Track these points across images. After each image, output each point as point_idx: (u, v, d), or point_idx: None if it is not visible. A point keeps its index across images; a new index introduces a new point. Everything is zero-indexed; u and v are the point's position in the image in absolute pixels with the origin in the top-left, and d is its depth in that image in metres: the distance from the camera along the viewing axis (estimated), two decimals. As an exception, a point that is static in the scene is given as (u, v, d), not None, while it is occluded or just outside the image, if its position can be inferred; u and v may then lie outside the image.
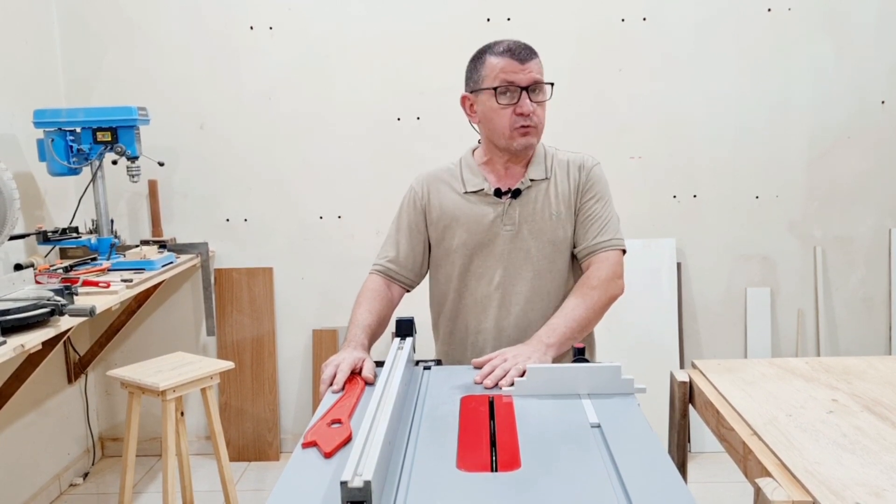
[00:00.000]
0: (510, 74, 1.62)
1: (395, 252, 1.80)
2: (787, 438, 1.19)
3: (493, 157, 1.75)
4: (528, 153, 1.71)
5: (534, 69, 1.63)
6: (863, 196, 3.26)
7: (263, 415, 3.38)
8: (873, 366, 1.55)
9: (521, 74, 1.62)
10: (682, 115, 3.23)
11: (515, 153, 1.70)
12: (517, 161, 1.73)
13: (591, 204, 1.73)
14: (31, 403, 2.95)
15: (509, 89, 1.62)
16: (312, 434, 1.19)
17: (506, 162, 1.74)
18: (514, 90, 1.62)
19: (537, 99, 1.64)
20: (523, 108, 1.62)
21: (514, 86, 1.62)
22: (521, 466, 1.08)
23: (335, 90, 3.25)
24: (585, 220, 1.73)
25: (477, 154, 1.80)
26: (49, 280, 2.47)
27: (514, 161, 1.73)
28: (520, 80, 1.62)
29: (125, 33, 3.23)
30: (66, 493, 3.13)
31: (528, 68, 1.62)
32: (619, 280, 1.70)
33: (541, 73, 1.65)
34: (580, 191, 1.73)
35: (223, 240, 3.36)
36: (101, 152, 2.84)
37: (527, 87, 1.62)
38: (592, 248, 1.71)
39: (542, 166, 1.74)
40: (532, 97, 1.63)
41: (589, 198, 1.73)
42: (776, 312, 3.33)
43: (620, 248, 1.73)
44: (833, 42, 3.18)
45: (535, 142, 1.68)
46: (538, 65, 1.65)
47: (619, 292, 1.70)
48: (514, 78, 1.62)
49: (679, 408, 1.55)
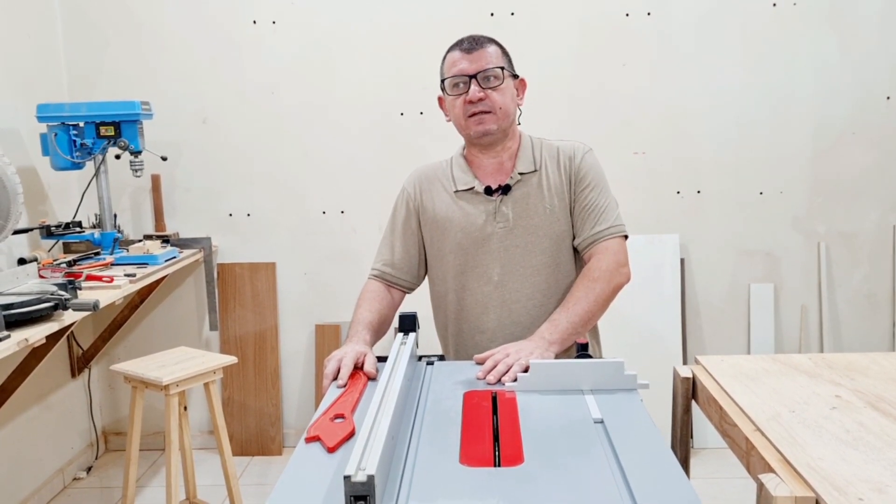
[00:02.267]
0: (458, 65, 1.66)
1: (390, 255, 1.80)
2: (790, 434, 1.19)
3: (474, 154, 1.75)
4: (489, 140, 1.69)
5: (482, 58, 1.65)
6: (867, 192, 3.26)
7: (266, 409, 3.39)
8: (877, 362, 1.55)
9: (468, 64, 1.65)
10: (685, 111, 3.22)
11: (478, 143, 1.71)
12: (491, 153, 1.73)
13: (586, 194, 1.70)
14: (35, 398, 2.96)
15: (459, 79, 1.66)
16: (315, 429, 1.19)
17: (485, 156, 1.73)
18: (463, 80, 1.65)
19: (490, 86, 1.65)
20: (470, 95, 1.65)
21: (462, 76, 1.65)
22: (523, 461, 1.08)
23: (338, 85, 3.25)
24: (582, 212, 1.70)
25: (466, 152, 1.80)
26: (52, 274, 2.47)
27: (489, 154, 1.73)
28: (467, 70, 1.65)
29: (128, 27, 3.23)
30: (70, 487, 3.14)
31: (475, 57, 1.65)
32: (624, 268, 1.67)
33: (492, 61, 1.66)
34: (572, 182, 1.71)
35: (226, 234, 3.36)
36: (104, 147, 2.84)
37: (475, 76, 1.64)
38: (592, 239, 1.68)
39: (529, 158, 1.73)
40: (483, 84, 1.64)
41: (583, 188, 1.70)
42: (779, 308, 3.33)
43: (621, 234, 1.70)
44: (838, 37, 3.16)
45: (493, 128, 1.67)
46: (489, 53, 1.66)
47: (624, 281, 1.67)
48: (461, 68, 1.65)
49: (682, 403, 1.54)
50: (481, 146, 1.72)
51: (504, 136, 1.71)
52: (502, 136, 1.71)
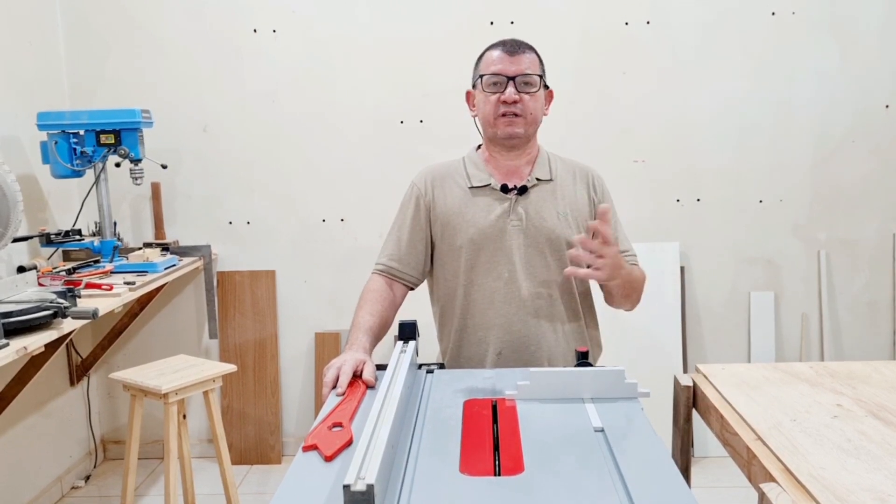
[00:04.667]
0: (498, 64, 1.69)
1: (396, 249, 1.80)
2: (791, 443, 1.18)
3: (493, 154, 1.78)
4: (513, 143, 1.73)
5: (523, 62, 1.68)
6: (867, 200, 3.26)
7: (266, 418, 3.38)
8: (878, 370, 1.55)
9: (509, 65, 1.68)
10: (685, 119, 3.23)
11: (502, 143, 1.74)
12: (511, 155, 1.75)
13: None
14: (34, 406, 2.95)
15: (497, 79, 1.68)
16: (313, 437, 1.19)
17: (504, 157, 1.76)
18: (501, 80, 1.68)
19: (526, 91, 1.68)
20: (506, 96, 1.67)
21: (501, 75, 1.68)
22: (524, 470, 1.07)
23: (338, 93, 3.26)
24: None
25: (481, 151, 1.82)
26: (52, 282, 2.47)
27: (509, 156, 1.76)
28: (507, 71, 1.68)
29: (129, 36, 3.24)
30: (68, 496, 3.13)
31: (517, 60, 1.68)
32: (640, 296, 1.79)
33: (531, 68, 1.69)
34: (592, 200, 1.78)
35: (226, 242, 3.36)
36: (104, 155, 2.84)
37: (513, 78, 1.67)
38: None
39: (546, 168, 1.77)
40: (520, 88, 1.68)
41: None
42: (780, 316, 3.32)
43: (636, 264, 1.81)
44: (837, 46, 3.17)
45: (520, 132, 1.70)
46: (529, 59, 1.70)
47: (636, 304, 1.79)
48: (502, 67, 1.68)
49: (683, 412, 1.54)
50: (504, 147, 1.75)
51: (527, 141, 1.75)
52: (526, 140, 1.74)
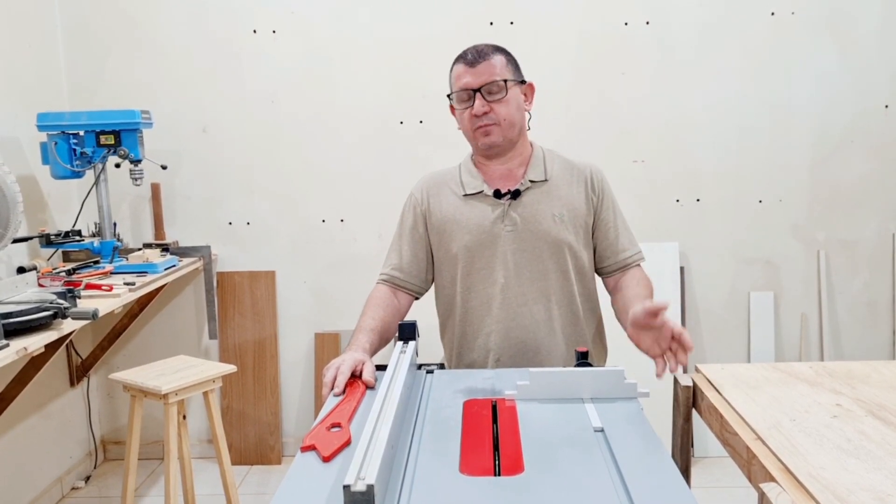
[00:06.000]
0: (463, 78, 1.68)
1: (398, 259, 1.81)
2: (791, 443, 1.18)
3: (483, 161, 1.78)
4: (495, 151, 1.73)
5: (484, 71, 1.66)
6: (866, 200, 3.26)
7: (265, 418, 3.38)
8: (877, 370, 1.55)
9: (471, 77, 1.67)
10: (684, 119, 3.23)
11: (485, 153, 1.74)
12: (500, 160, 1.75)
13: (608, 214, 1.77)
14: (34, 406, 2.95)
15: (464, 94, 1.68)
16: (311, 438, 1.19)
17: (494, 163, 1.76)
18: (469, 93, 1.67)
19: (494, 98, 1.66)
20: (475, 109, 1.67)
21: (467, 89, 1.67)
22: (524, 471, 1.07)
23: (338, 93, 3.26)
24: (608, 232, 1.77)
25: (474, 158, 1.81)
26: (52, 283, 2.47)
27: (498, 162, 1.75)
28: (471, 84, 1.67)
29: (128, 36, 3.24)
30: (68, 497, 3.13)
31: (478, 71, 1.66)
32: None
33: (497, 73, 1.66)
34: (591, 199, 1.75)
35: (226, 243, 3.36)
36: (104, 155, 2.84)
37: (479, 89, 1.66)
38: (623, 263, 1.77)
39: (540, 168, 1.75)
40: (488, 98, 1.66)
41: (605, 208, 1.77)
42: (779, 316, 3.32)
43: (642, 260, 1.79)
44: (836, 46, 3.17)
45: (498, 140, 1.69)
46: (492, 65, 1.67)
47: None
48: (466, 81, 1.67)
49: (682, 412, 1.54)
50: (489, 156, 1.75)
51: (511, 145, 1.74)
52: (509, 145, 1.73)
